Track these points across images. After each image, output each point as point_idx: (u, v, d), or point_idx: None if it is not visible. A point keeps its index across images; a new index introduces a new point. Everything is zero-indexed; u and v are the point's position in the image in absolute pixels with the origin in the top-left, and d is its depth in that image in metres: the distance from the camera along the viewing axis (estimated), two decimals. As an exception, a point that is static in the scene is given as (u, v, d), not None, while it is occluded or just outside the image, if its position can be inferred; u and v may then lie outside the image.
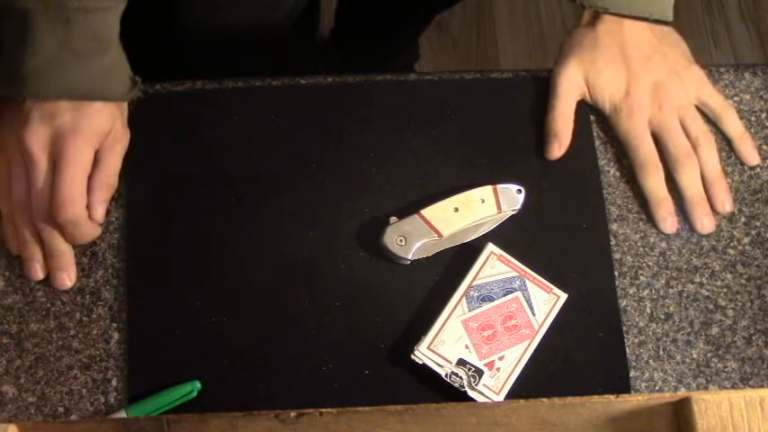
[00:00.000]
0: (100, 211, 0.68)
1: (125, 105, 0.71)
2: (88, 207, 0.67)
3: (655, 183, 0.71)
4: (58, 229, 0.66)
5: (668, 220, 0.71)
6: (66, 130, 0.65)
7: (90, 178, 0.67)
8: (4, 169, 0.68)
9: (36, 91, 0.64)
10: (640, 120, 0.72)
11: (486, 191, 0.69)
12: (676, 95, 0.72)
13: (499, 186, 0.69)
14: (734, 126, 0.74)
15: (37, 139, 0.65)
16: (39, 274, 0.68)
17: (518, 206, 0.69)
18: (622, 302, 0.69)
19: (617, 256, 0.71)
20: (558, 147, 0.71)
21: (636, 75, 0.72)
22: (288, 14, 0.92)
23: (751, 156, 0.73)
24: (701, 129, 0.73)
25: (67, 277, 0.67)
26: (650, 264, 0.71)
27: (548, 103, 0.73)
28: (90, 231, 0.67)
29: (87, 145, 0.66)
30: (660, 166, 0.72)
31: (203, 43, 0.89)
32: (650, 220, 0.72)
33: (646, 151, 0.72)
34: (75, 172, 0.65)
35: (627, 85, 0.72)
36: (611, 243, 0.71)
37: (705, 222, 0.71)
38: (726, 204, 0.72)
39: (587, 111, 0.74)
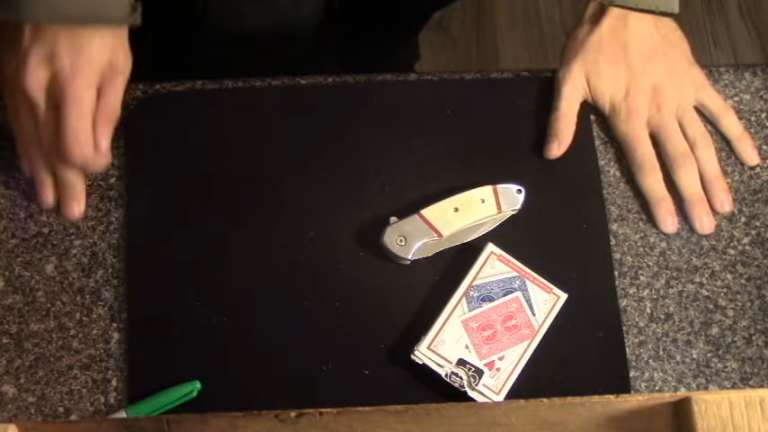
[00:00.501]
0: (105, 144, 0.67)
1: (125, 33, 0.69)
2: (93, 141, 0.67)
3: (653, 183, 0.71)
4: (68, 164, 0.67)
5: (668, 220, 0.71)
6: (66, 73, 0.65)
7: (93, 112, 0.67)
8: (13, 103, 0.68)
9: (27, 13, 0.63)
10: (639, 121, 0.72)
11: (486, 191, 0.69)
12: (675, 97, 0.73)
13: (499, 186, 0.69)
14: (733, 127, 0.74)
15: (37, 83, 0.65)
16: (49, 199, 0.69)
17: (518, 206, 0.69)
18: (622, 302, 0.69)
19: (617, 256, 0.71)
20: (558, 146, 0.71)
21: (636, 76, 0.72)
22: (311, 13, 0.92)
23: (750, 156, 0.73)
24: (699, 130, 0.73)
25: (77, 208, 0.69)
26: (650, 264, 0.71)
27: (551, 104, 0.73)
28: (99, 164, 0.68)
29: (88, 87, 0.66)
30: (658, 166, 0.72)
31: (228, 43, 0.89)
32: (650, 220, 0.72)
33: (644, 152, 0.72)
34: (79, 115, 0.65)
35: (627, 86, 0.72)
36: (611, 243, 0.71)
37: (704, 222, 0.71)
38: (725, 204, 0.72)
39: (587, 111, 0.74)
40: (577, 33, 0.74)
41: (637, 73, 0.72)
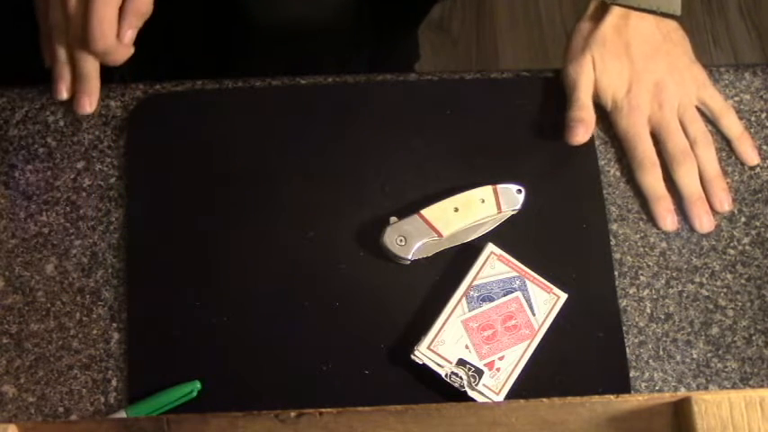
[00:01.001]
0: (129, 35, 0.68)
1: None
2: (118, 31, 0.67)
3: (652, 180, 0.71)
4: (91, 53, 0.68)
5: (668, 218, 0.71)
6: None
7: (123, 4, 0.67)
8: None
9: None
10: (640, 118, 0.72)
11: (486, 191, 0.69)
12: (677, 94, 0.73)
13: (499, 186, 0.69)
14: (733, 127, 0.74)
15: None
16: (63, 94, 0.71)
17: (518, 206, 0.69)
18: (622, 302, 0.69)
19: (617, 256, 0.71)
20: (585, 131, 0.71)
21: (638, 73, 0.72)
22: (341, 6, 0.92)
23: (750, 156, 0.73)
24: (699, 128, 0.73)
25: (89, 103, 0.71)
26: (650, 264, 0.71)
27: (569, 98, 0.73)
28: (121, 55, 0.69)
29: None
30: (658, 163, 0.72)
31: (266, 35, 0.89)
32: (650, 219, 0.72)
33: (644, 149, 0.72)
34: (105, 3, 0.66)
35: (629, 82, 0.72)
36: (611, 243, 0.71)
37: (704, 221, 0.71)
38: (725, 204, 0.72)
39: (587, 111, 0.74)
40: (582, 29, 0.74)
41: (639, 70, 0.72)
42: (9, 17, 0.85)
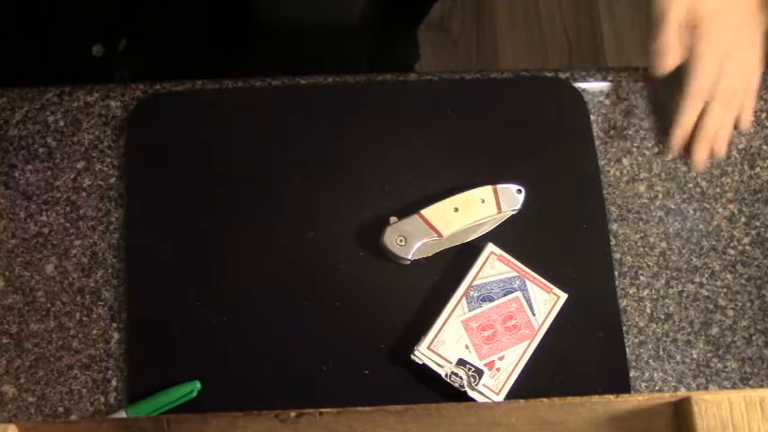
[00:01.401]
0: None
1: None
2: None
3: (692, 112, 0.70)
4: None
5: (677, 147, 0.71)
6: None
7: None
8: None
9: None
10: (718, 48, 0.70)
11: (486, 191, 0.69)
12: (755, 40, 0.71)
13: (499, 186, 0.69)
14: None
15: None
16: None
17: (518, 206, 0.69)
18: (622, 302, 0.69)
19: (617, 256, 0.71)
20: (671, 60, 0.69)
21: (736, 3, 0.70)
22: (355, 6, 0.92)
23: (746, 119, 0.72)
24: (750, 81, 0.71)
25: None
26: (650, 264, 0.71)
27: (655, 25, 0.70)
28: None
29: None
30: (704, 102, 0.70)
31: (267, 40, 0.89)
32: (650, 219, 0.72)
33: (706, 79, 0.70)
34: None
35: (725, 8, 0.70)
36: (611, 243, 0.71)
37: (702, 159, 0.71)
38: (723, 151, 0.71)
39: (586, 111, 0.74)
40: None
41: (739, 1, 0.70)
42: (9, 17, 0.85)
